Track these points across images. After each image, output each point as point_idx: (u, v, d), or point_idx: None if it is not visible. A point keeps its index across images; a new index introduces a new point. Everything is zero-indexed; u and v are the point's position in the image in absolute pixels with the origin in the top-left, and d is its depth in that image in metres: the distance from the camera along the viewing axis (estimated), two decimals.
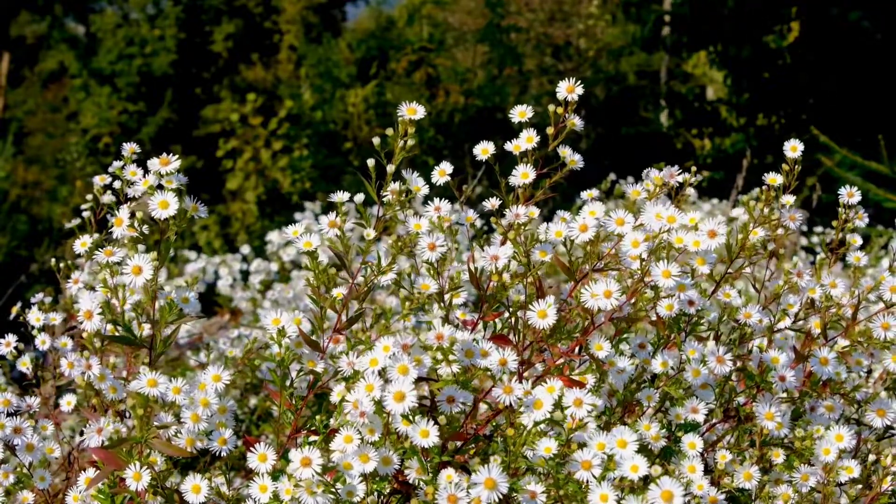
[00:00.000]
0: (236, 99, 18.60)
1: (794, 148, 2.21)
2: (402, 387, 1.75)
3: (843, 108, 15.74)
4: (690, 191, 2.15)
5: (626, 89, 19.42)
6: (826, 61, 16.14)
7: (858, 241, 2.30)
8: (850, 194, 2.27)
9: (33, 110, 20.45)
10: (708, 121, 17.72)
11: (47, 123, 19.97)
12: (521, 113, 2.08)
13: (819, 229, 6.63)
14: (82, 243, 2.12)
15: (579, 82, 2.07)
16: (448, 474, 1.75)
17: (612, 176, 6.46)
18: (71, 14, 22.53)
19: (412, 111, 2.02)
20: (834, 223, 2.31)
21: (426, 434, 1.79)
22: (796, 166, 2.21)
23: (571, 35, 19.46)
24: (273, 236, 6.61)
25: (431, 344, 1.81)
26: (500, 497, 1.70)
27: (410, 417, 1.78)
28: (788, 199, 2.19)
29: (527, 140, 2.05)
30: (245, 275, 6.51)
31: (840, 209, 2.31)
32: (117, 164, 2.09)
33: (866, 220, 2.32)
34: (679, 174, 2.09)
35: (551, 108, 2.08)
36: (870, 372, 2.74)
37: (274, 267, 6.43)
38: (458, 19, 20.58)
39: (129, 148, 2.10)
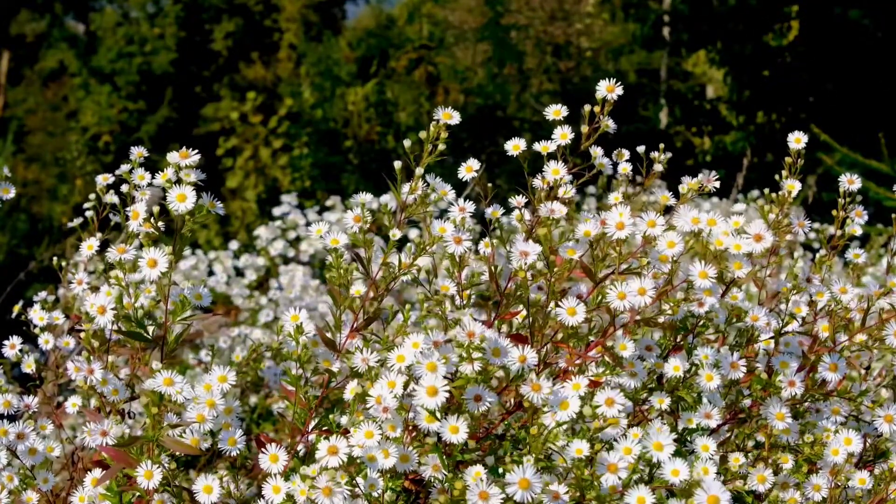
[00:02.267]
0: (236, 97, 18.59)
1: (797, 140, 2.23)
2: (434, 382, 1.75)
3: (844, 107, 15.74)
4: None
5: (625, 88, 19.34)
6: (826, 60, 16.14)
7: (858, 230, 2.29)
8: (850, 181, 2.27)
9: (33, 109, 20.45)
10: (708, 119, 17.72)
11: (47, 122, 19.97)
12: (555, 112, 2.09)
13: (817, 226, 6.63)
14: (89, 246, 2.10)
15: (619, 83, 2.08)
16: (476, 471, 1.75)
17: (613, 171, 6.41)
18: (71, 12, 22.52)
19: (448, 116, 2.03)
20: (834, 212, 2.31)
21: (456, 430, 1.78)
22: (798, 159, 2.21)
23: (572, 34, 19.45)
24: (261, 231, 6.60)
25: (463, 341, 1.80)
26: (532, 498, 1.70)
27: (438, 414, 1.77)
28: (792, 183, 2.20)
29: (561, 136, 2.05)
30: (239, 272, 6.51)
31: (839, 200, 2.30)
32: (125, 167, 2.08)
33: (865, 217, 2.32)
34: (716, 179, 2.09)
35: (587, 107, 2.08)
36: (868, 368, 2.74)
37: (261, 262, 6.42)
38: (458, 17, 20.57)
39: (138, 152, 2.09)
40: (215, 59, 20.70)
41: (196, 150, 1.97)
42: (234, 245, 6.73)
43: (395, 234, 2.01)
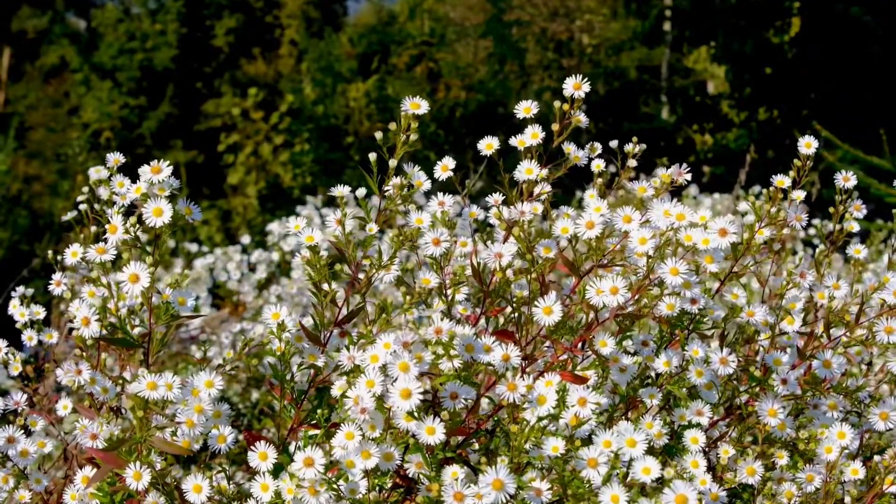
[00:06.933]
0: (237, 93, 18.59)
1: (808, 144, 2.20)
2: (408, 384, 1.75)
3: (845, 103, 15.73)
4: (692, 186, 2.14)
5: (627, 84, 19.39)
6: (827, 56, 16.12)
7: (855, 227, 2.29)
8: (845, 178, 2.26)
9: (34, 105, 20.44)
10: (709, 116, 17.71)
11: (48, 118, 19.96)
12: (525, 109, 2.08)
13: (817, 222, 6.62)
14: (73, 253, 2.08)
15: (586, 79, 2.07)
16: (453, 471, 1.74)
17: (612, 168, 6.41)
18: (72, 9, 22.51)
19: (415, 105, 2.02)
20: (831, 210, 2.30)
21: (432, 431, 1.78)
22: (808, 162, 2.19)
23: (573, 30, 19.44)
24: (273, 227, 6.66)
25: (431, 339, 1.81)
26: (507, 497, 1.69)
27: (415, 414, 1.77)
28: (799, 194, 2.18)
29: (532, 136, 2.04)
30: (250, 268, 6.56)
31: (836, 196, 2.30)
32: (103, 173, 2.06)
33: (864, 211, 2.31)
34: (687, 172, 2.08)
35: (557, 104, 2.07)
36: (870, 364, 2.74)
37: (275, 256, 6.46)
38: (459, 14, 20.56)
39: (114, 159, 2.06)
40: (216, 55, 20.69)
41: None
42: (245, 239, 6.77)
43: (372, 227, 2.01)
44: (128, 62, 19.55)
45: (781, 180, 2.13)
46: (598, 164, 2.15)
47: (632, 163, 2.20)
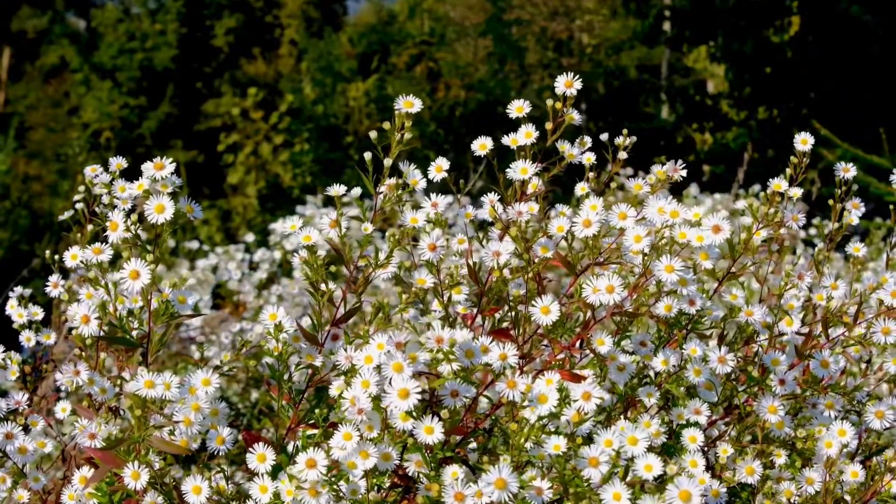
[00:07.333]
0: (237, 93, 18.58)
1: (804, 141, 2.19)
2: (405, 384, 1.75)
3: (845, 103, 15.71)
4: (692, 186, 2.15)
5: (626, 84, 19.39)
6: (827, 56, 16.11)
7: (855, 220, 2.28)
8: (845, 169, 2.26)
9: (34, 105, 20.43)
10: (709, 115, 17.70)
11: (48, 118, 19.96)
12: (518, 108, 2.07)
13: (817, 221, 6.63)
14: (72, 256, 2.09)
15: (578, 77, 2.06)
16: (453, 471, 1.74)
17: (609, 167, 6.41)
18: (72, 9, 22.51)
19: (409, 104, 2.01)
20: (830, 202, 2.30)
21: (431, 431, 1.78)
22: (804, 159, 2.19)
23: (573, 30, 19.44)
24: (276, 225, 6.70)
25: (431, 347, 1.81)
26: (509, 496, 1.69)
27: (413, 414, 1.77)
28: (796, 191, 2.17)
29: (525, 135, 2.03)
30: (251, 267, 6.59)
31: (836, 190, 2.29)
32: (100, 172, 2.06)
33: (862, 209, 2.31)
34: (683, 168, 2.07)
35: (549, 102, 2.06)
36: (869, 361, 2.74)
37: (277, 255, 6.49)
38: (459, 13, 20.55)
39: (117, 164, 2.07)
40: (216, 55, 20.69)
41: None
42: (249, 237, 6.79)
43: (368, 227, 2.01)
44: (128, 62, 19.55)
45: (778, 184, 2.13)
46: (588, 158, 2.15)
47: (622, 155, 2.20)
